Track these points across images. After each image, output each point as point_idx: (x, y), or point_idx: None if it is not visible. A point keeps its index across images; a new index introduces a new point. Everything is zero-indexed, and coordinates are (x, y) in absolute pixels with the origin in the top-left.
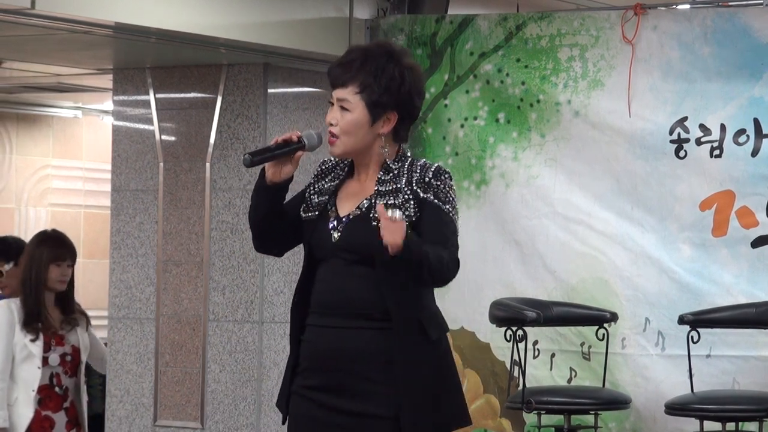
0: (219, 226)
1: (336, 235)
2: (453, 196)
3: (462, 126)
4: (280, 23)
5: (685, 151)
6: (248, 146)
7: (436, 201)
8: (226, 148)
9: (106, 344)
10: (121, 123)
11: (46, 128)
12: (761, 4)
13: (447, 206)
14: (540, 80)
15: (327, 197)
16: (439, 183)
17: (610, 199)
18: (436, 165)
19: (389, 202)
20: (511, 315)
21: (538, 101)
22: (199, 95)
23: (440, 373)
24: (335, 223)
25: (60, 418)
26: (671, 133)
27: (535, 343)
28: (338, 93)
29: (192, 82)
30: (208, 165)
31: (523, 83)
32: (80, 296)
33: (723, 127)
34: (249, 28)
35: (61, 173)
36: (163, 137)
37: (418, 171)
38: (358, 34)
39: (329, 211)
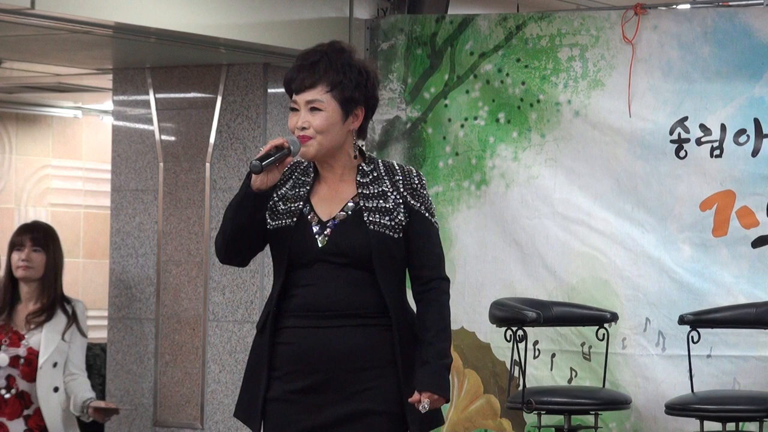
0: (219, 226)
1: (322, 239)
2: (432, 202)
3: (462, 126)
4: (280, 23)
5: (686, 151)
6: (248, 146)
7: (427, 215)
8: (226, 148)
9: (104, 347)
10: (121, 123)
11: (46, 128)
12: (761, 4)
13: (434, 219)
14: (540, 80)
15: (301, 203)
16: (425, 192)
17: (610, 199)
18: (415, 169)
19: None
20: (511, 315)
21: (538, 101)
22: (199, 95)
23: None
24: (318, 228)
25: (16, 426)
26: (671, 133)
27: (536, 343)
28: (306, 96)
29: (192, 82)
30: (208, 165)
31: (523, 83)
32: (80, 296)
33: (723, 127)
34: (249, 28)
35: (61, 173)
36: (163, 137)
37: (400, 174)
38: (358, 34)
39: (308, 216)
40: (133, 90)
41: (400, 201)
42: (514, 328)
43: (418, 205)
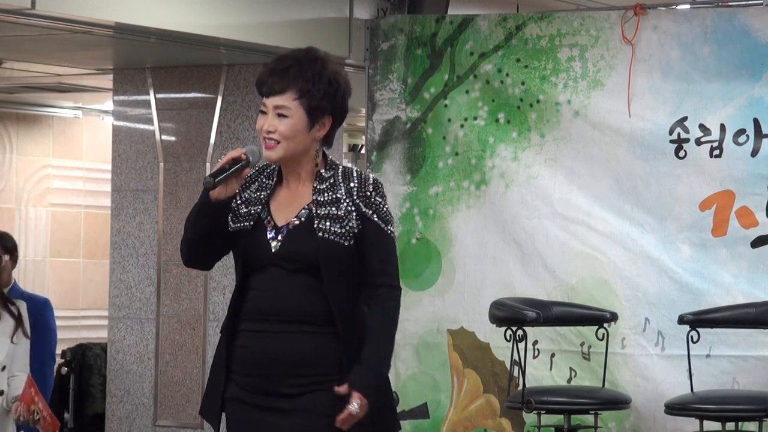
0: None
1: (276, 244)
2: (388, 209)
3: (462, 126)
4: (280, 23)
5: (685, 151)
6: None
7: (380, 223)
8: (226, 148)
9: (105, 347)
10: (121, 123)
11: (46, 128)
12: (761, 4)
13: (389, 227)
14: (540, 80)
15: (260, 207)
16: (380, 200)
17: (609, 199)
18: (372, 177)
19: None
20: (511, 315)
21: (538, 101)
22: (199, 95)
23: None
24: (273, 233)
25: None
26: (671, 133)
27: (535, 343)
28: (274, 101)
29: (192, 82)
30: (208, 165)
31: (523, 83)
32: (80, 296)
33: (723, 127)
34: (249, 28)
35: (61, 173)
36: (163, 137)
37: (356, 181)
38: (358, 34)
39: (265, 221)
40: (134, 90)
41: (352, 208)
42: (514, 328)
43: (371, 212)
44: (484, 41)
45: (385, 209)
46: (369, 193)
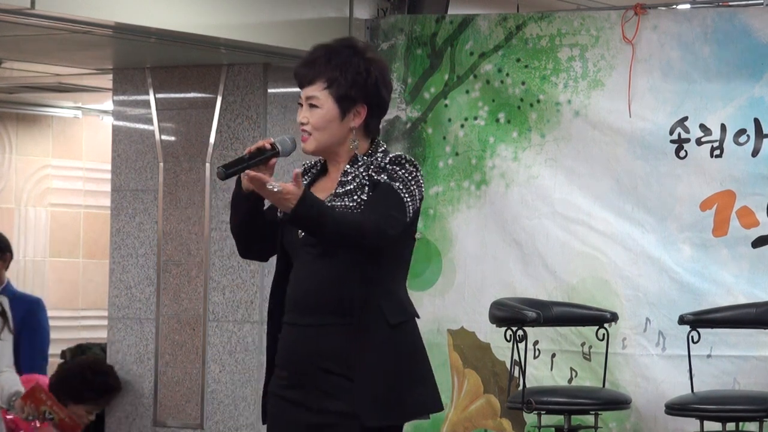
0: (219, 226)
1: (301, 231)
2: (409, 178)
3: (462, 126)
4: (280, 23)
5: (686, 151)
6: (248, 146)
7: (387, 180)
8: (226, 148)
9: (104, 348)
10: (121, 123)
11: (46, 128)
12: (761, 4)
13: (397, 183)
14: (540, 80)
15: None
16: (395, 167)
17: (610, 199)
18: (396, 153)
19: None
20: (511, 315)
21: (538, 101)
22: (199, 95)
23: (402, 361)
24: None
25: None
26: (671, 133)
27: (536, 343)
28: (306, 91)
29: (192, 82)
30: (208, 165)
31: (523, 83)
32: (80, 296)
33: (723, 127)
34: (249, 28)
35: (61, 173)
36: (163, 137)
37: (380, 158)
38: (358, 34)
39: None
40: (133, 90)
41: (366, 181)
42: (514, 328)
43: (384, 177)
44: (484, 41)
45: (399, 173)
46: (384, 164)
